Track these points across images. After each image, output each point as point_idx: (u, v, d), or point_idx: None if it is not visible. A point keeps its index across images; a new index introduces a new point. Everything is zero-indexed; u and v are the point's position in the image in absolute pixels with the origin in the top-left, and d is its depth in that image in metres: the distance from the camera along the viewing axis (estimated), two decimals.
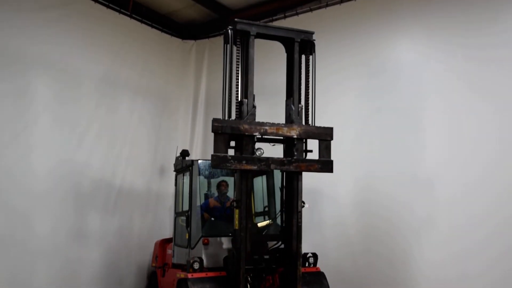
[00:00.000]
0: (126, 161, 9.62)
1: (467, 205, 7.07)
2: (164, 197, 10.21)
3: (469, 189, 7.11)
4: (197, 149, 10.71)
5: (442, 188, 7.34)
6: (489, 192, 6.93)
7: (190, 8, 10.62)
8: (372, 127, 8.26)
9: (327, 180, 8.38)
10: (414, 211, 7.56)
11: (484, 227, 6.87)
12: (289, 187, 6.25)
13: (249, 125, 5.85)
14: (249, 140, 5.91)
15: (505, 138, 6.94)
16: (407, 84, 7.95)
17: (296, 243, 5.98)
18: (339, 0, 8.94)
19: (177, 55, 11.09)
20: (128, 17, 9.97)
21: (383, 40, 8.37)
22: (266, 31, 6.24)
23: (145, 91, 10.18)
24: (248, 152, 5.86)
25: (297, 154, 6.07)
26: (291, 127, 6.05)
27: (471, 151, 7.19)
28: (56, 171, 8.30)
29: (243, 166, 5.74)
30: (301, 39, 6.32)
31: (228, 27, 6.05)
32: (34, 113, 8.10)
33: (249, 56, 6.05)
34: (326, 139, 6.18)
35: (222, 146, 5.72)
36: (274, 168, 5.94)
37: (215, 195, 7.96)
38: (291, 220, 6.04)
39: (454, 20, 7.59)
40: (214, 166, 5.69)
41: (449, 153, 7.39)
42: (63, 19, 8.65)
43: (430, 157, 7.54)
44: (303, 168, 6.03)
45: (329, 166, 6.14)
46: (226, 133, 5.74)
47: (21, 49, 8.01)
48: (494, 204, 6.87)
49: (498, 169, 6.92)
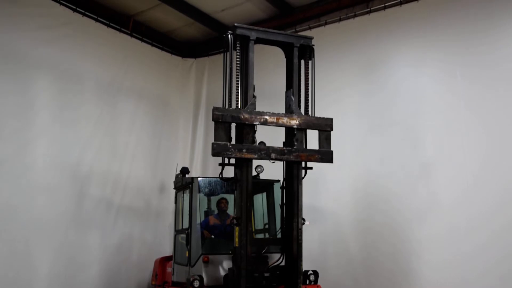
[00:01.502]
0: (126, 179, 9.63)
1: (470, 232, 7.05)
2: (164, 215, 10.20)
3: (471, 210, 7.10)
4: (197, 167, 10.72)
5: (444, 203, 7.33)
6: (488, 202, 6.96)
7: (190, 27, 10.72)
8: (372, 143, 8.27)
9: (328, 196, 8.44)
10: (415, 229, 7.54)
11: (483, 234, 6.89)
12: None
13: (249, 114, 5.87)
14: (250, 129, 5.91)
15: (504, 155, 6.97)
16: (406, 101, 7.99)
17: (296, 260, 5.96)
18: (338, 19, 9.03)
19: (177, 73, 11.16)
20: (129, 36, 10.07)
21: (382, 57, 8.43)
22: (266, 36, 6.27)
23: (145, 109, 10.24)
24: (248, 142, 5.86)
25: (297, 144, 6.07)
26: (291, 117, 6.06)
27: (470, 167, 7.20)
28: (55, 188, 8.32)
29: (243, 154, 5.74)
30: (300, 44, 6.36)
31: (228, 32, 6.09)
32: (33, 133, 8.16)
33: (249, 60, 6.08)
34: (326, 129, 6.19)
35: (223, 135, 5.73)
36: (275, 158, 5.90)
37: (215, 212, 7.94)
38: (291, 235, 6.02)
39: (453, 39, 7.65)
40: (215, 154, 5.66)
41: (449, 169, 7.40)
42: (63, 38, 8.76)
43: (431, 174, 7.55)
44: (304, 158, 6.03)
45: (329, 157, 6.13)
46: (226, 122, 5.75)
47: (22, 65, 8.10)
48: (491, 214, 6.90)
49: (499, 187, 6.93)
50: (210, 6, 9.83)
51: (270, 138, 6.15)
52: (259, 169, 6.69)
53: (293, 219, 6.05)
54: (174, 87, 11.03)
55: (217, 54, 10.74)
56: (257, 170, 6.70)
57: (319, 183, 8.24)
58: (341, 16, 9.03)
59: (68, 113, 8.70)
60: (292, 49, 6.34)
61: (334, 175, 8.41)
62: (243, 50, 6.10)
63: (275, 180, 7.58)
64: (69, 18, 8.91)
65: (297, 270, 5.94)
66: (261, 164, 6.57)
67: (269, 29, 6.44)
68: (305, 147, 6.17)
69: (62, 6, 8.82)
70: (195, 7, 9.90)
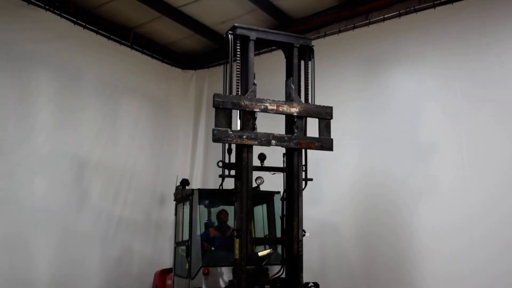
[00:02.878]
0: (126, 190, 9.64)
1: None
2: (164, 227, 10.18)
3: (472, 218, 7.09)
4: (197, 178, 10.71)
5: (445, 218, 7.32)
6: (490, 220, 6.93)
7: (190, 39, 10.77)
8: (371, 154, 8.27)
9: (328, 209, 8.41)
10: (417, 240, 7.52)
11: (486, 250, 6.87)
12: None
13: (249, 101, 5.87)
14: (250, 116, 5.91)
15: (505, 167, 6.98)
16: (405, 112, 8.01)
17: (297, 272, 5.92)
18: (337, 30, 9.08)
19: (177, 84, 11.20)
20: (129, 48, 10.12)
21: (381, 69, 8.47)
22: (266, 36, 6.27)
23: (145, 120, 10.27)
24: (249, 128, 5.86)
25: (297, 132, 6.07)
26: (291, 104, 6.06)
27: (470, 179, 7.21)
28: (56, 198, 8.33)
29: (243, 141, 5.73)
30: (300, 44, 6.36)
31: (228, 32, 6.10)
32: (34, 143, 8.18)
33: (249, 60, 6.09)
34: (326, 117, 6.19)
35: (223, 121, 5.72)
36: (275, 144, 5.90)
37: (215, 224, 7.92)
38: (292, 247, 6.00)
39: (451, 50, 7.68)
40: (215, 140, 5.65)
41: (450, 183, 7.40)
42: (64, 50, 8.82)
43: (431, 187, 7.54)
44: (304, 145, 6.03)
45: (329, 144, 6.14)
46: (227, 108, 5.75)
47: (23, 77, 8.16)
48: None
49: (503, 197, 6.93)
50: (210, 18, 9.87)
51: (270, 129, 6.13)
52: (259, 180, 6.68)
53: (293, 230, 6.03)
54: (174, 99, 11.06)
55: (217, 66, 10.78)
56: (258, 181, 6.69)
57: (320, 193, 8.23)
58: (341, 28, 9.07)
59: (68, 125, 8.73)
60: (292, 50, 6.35)
61: (334, 187, 8.41)
62: (243, 50, 6.10)
63: (275, 192, 7.57)
64: (70, 31, 8.98)
65: (298, 282, 5.91)
66: (261, 176, 6.55)
67: (268, 30, 6.45)
68: (305, 135, 6.18)
69: (63, 19, 8.89)
70: (195, 19, 9.95)
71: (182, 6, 9.46)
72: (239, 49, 6.02)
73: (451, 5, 7.82)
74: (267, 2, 9.06)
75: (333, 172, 8.49)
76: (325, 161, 8.03)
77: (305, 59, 6.49)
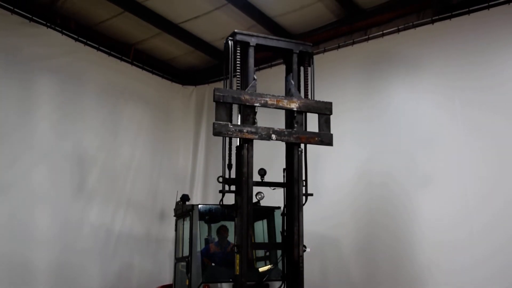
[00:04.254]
0: (126, 205, 9.62)
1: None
2: (164, 242, 10.13)
3: (473, 237, 7.09)
4: (198, 194, 10.70)
5: (446, 231, 7.32)
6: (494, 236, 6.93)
7: (190, 55, 10.84)
8: (371, 169, 8.28)
9: (329, 224, 8.39)
10: (417, 255, 7.50)
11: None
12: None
13: (250, 95, 5.89)
14: (250, 110, 5.92)
15: (505, 180, 6.98)
16: (405, 126, 8.05)
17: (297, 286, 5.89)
18: (337, 46, 9.14)
19: (177, 100, 11.24)
20: (130, 64, 10.18)
21: (380, 83, 8.52)
22: (266, 42, 6.30)
23: (145, 135, 10.29)
24: (249, 123, 5.87)
25: (297, 127, 6.08)
26: (291, 99, 6.07)
27: (470, 192, 7.22)
28: (55, 214, 8.33)
29: (244, 135, 5.75)
30: (299, 50, 6.39)
31: (228, 38, 6.13)
32: (35, 157, 8.21)
33: (249, 66, 6.11)
34: (325, 113, 6.20)
35: (224, 115, 5.74)
36: (275, 138, 5.89)
37: (216, 240, 7.89)
38: (292, 262, 5.97)
39: (450, 64, 7.74)
40: (216, 133, 5.66)
41: (450, 197, 7.40)
42: (66, 67, 8.88)
43: (432, 201, 7.54)
44: (304, 140, 6.03)
45: (329, 139, 6.15)
46: (227, 102, 5.76)
47: (25, 93, 8.21)
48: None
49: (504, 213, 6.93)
50: (210, 34, 9.95)
51: (271, 125, 6.10)
52: (259, 196, 6.67)
53: (293, 246, 6.01)
54: (174, 115, 11.10)
55: (217, 81, 10.83)
56: (258, 197, 6.68)
57: (320, 208, 8.21)
58: (340, 43, 9.14)
59: (68, 140, 8.76)
60: (291, 56, 6.38)
61: (335, 201, 8.39)
62: (243, 55, 6.13)
63: (276, 207, 7.56)
64: (71, 47, 9.06)
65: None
66: (261, 191, 6.54)
67: (268, 36, 6.49)
68: (305, 130, 6.19)
69: (65, 36, 8.96)
70: (195, 36, 10.04)
71: (182, 22, 9.56)
72: (239, 54, 6.05)
73: (449, 21, 7.90)
74: (267, 18, 9.14)
75: (333, 186, 8.49)
76: (325, 173, 8.05)
77: (305, 66, 6.52)
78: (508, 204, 6.87)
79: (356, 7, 8.91)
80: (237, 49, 6.06)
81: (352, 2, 8.80)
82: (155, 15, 9.24)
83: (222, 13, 8.95)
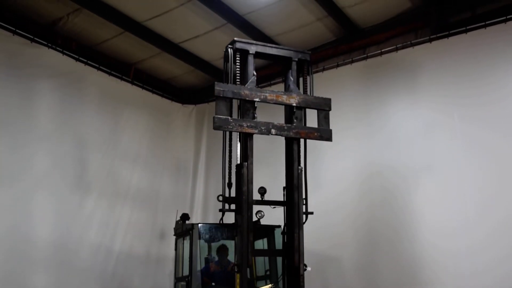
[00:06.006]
0: (125, 225, 9.58)
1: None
2: (164, 262, 10.06)
3: (474, 249, 7.06)
4: (197, 213, 10.66)
5: (446, 246, 7.30)
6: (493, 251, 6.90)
7: (190, 74, 10.91)
8: (370, 187, 8.27)
9: (331, 243, 8.36)
10: (418, 272, 7.46)
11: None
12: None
13: (249, 91, 5.91)
14: (250, 105, 5.94)
15: (503, 194, 7.00)
16: (403, 144, 8.07)
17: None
18: (335, 65, 9.20)
19: (177, 119, 11.27)
20: (130, 83, 10.25)
21: (378, 101, 8.55)
22: (265, 50, 6.32)
23: (145, 154, 10.29)
24: (249, 117, 5.89)
25: (296, 122, 6.09)
26: (290, 95, 6.09)
27: (471, 208, 7.22)
28: (54, 235, 8.29)
29: (244, 129, 5.76)
30: (298, 58, 6.42)
31: (228, 46, 6.16)
32: (31, 183, 8.18)
33: (248, 74, 6.13)
34: (324, 109, 6.21)
35: (224, 110, 5.75)
36: (275, 133, 5.89)
37: (216, 259, 7.86)
38: (293, 281, 5.93)
39: (448, 81, 7.80)
40: (216, 127, 5.66)
41: (448, 212, 7.39)
42: (66, 85, 8.93)
43: (432, 217, 7.53)
44: (303, 135, 6.04)
45: (328, 134, 6.15)
46: (227, 97, 5.78)
47: (25, 113, 8.24)
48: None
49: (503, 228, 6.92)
50: (209, 53, 10.03)
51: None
52: (259, 214, 6.66)
53: (294, 264, 5.97)
54: (175, 134, 11.12)
55: None
56: (258, 215, 6.67)
57: (321, 227, 8.18)
58: (339, 62, 9.21)
59: (68, 159, 8.76)
60: (290, 64, 6.41)
61: (336, 220, 8.37)
62: (243, 63, 6.16)
63: (276, 226, 7.54)
64: (72, 67, 9.11)
65: None
66: (261, 210, 6.53)
67: (267, 44, 6.51)
68: (304, 125, 6.20)
69: (65, 56, 9.03)
70: (195, 55, 10.12)
71: (182, 42, 9.65)
72: (238, 62, 6.09)
73: (447, 39, 7.97)
74: (266, 37, 9.20)
75: (335, 204, 8.49)
76: (324, 192, 8.06)
77: (304, 74, 6.55)
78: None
79: (354, 26, 9.01)
80: (237, 57, 6.11)
81: (350, 22, 8.90)
82: (155, 35, 9.33)
83: (222, 32, 9.03)
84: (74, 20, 8.81)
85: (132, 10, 8.65)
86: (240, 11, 8.66)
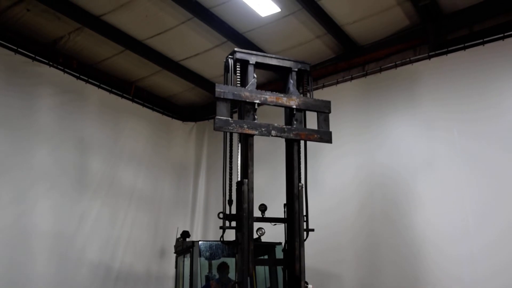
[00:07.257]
0: (125, 243, 9.55)
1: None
2: (164, 280, 10.01)
3: (474, 258, 7.07)
4: (198, 230, 10.64)
5: (447, 260, 7.29)
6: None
7: (190, 92, 10.97)
8: (371, 202, 8.28)
9: (331, 259, 8.32)
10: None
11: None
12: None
13: (250, 92, 5.91)
14: (250, 107, 5.94)
15: (501, 206, 7.03)
16: (403, 160, 8.10)
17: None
18: (335, 82, 9.26)
19: (178, 136, 11.31)
20: (130, 101, 10.29)
21: (378, 117, 8.61)
22: (265, 61, 6.31)
23: (145, 172, 10.30)
24: (249, 119, 5.88)
25: (296, 124, 6.08)
26: (290, 97, 6.10)
27: (470, 221, 7.25)
28: (54, 253, 8.26)
29: (244, 130, 5.75)
30: (298, 68, 6.42)
31: (228, 56, 6.18)
32: (31, 203, 8.19)
33: (248, 83, 6.10)
34: (324, 111, 6.21)
35: (225, 111, 5.74)
36: (275, 135, 5.88)
37: (217, 277, 7.81)
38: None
39: (447, 97, 7.86)
40: (217, 128, 5.65)
41: (449, 227, 7.40)
42: (67, 103, 9.00)
43: (432, 234, 7.52)
44: (303, 136, 6.03)
45: (328, 136, 6.14)
46: (228, 99, 5.77)
47: (27, 130, 8.29)
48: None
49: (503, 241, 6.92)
50: (209, 71, 10.10)
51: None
52: (260, 232, 6.64)
53: (295, 282, 5.94)
54: (175, 151, 11.13)
55: None
56: (259, 232, 6.65)
57: (322, 243, 8.16)
58: (338, 79, 9.27)
59: (69, 175, 8.77)
60: (289, 74, 6.40)
61: (336, 236, 8.35)
62: (243, 74, 6.16)
63: (277, 243, 7.51)
64: (73, 85, 9.19)
65: None
66: (262, 227, 6.51)
67: (267, 54, 6.52)
68: (304, 127, 6.19)
69: (66, 74, 9.09)
70: (195, 73, 10.18)
71: (182, 60, 9.72)
72: (239, 73, 6.10)
73: (445, 56, 8.05)
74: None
75: (336, 219, 8.47)
76: (325, 207, 8.07)
77: (303, 84, 6.54)
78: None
79: (354, 43, 9.08)
80: (237, 67, 6.12)
81: (350, 39, 8.97)
82: (155, 53, 9.40)
83: (222, 50, 9.09)
84: (75, 39, 8.89)
85: (133, 28, 8.73)
86: (240, 29, 8.74)
